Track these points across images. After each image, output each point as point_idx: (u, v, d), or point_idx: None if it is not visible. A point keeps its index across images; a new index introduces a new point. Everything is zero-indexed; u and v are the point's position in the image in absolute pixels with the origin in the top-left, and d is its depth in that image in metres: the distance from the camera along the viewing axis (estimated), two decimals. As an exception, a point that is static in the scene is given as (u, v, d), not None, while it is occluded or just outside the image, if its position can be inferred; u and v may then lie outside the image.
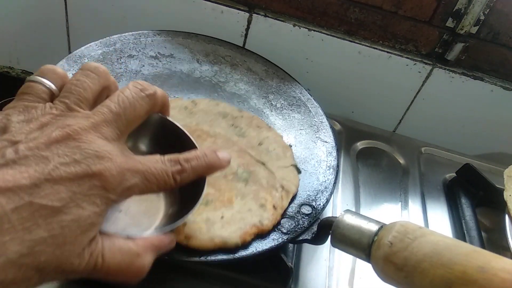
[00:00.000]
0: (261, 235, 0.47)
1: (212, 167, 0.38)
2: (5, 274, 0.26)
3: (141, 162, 0.33)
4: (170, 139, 0.41)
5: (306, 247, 0.55)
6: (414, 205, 0.66)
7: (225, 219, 0.47)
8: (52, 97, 0.35)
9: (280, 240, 0.47)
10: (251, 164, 0.54)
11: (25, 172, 0.28)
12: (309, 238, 0.48)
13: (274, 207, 0.50)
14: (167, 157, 0.35)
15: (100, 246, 0.31)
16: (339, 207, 0.62)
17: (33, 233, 0.27)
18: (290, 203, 0.52)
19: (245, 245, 0.46)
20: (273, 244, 0.47)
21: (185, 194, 0.41)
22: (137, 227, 0.39)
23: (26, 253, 0.27)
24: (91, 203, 0.30)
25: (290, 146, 0.60)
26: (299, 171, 0.57)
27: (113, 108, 0.34)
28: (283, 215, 0.50)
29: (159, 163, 0.34)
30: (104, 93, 0.36)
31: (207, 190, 0.40)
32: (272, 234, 0.47)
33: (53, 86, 0.35)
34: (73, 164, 0.29)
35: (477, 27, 0.69)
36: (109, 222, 0.35)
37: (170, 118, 0.41)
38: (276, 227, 0.48)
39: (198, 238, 0.44)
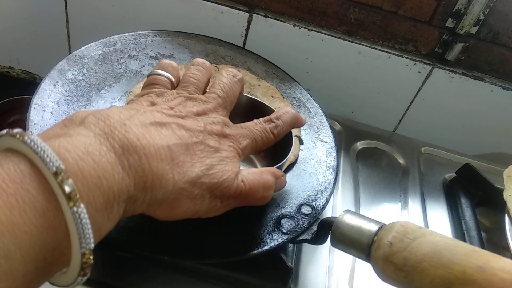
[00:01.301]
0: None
1: (298, 119, 0.49)
2: (193, 189, 0.36)
3: (245, 127, 0.44)
4: (253, 111, 0.51)
5: (306, 247, 0.56)
6: (414, 205, 0.66)
7: None
8: (172, 85, 0.45)
9: (280, 240, 0.47)
10: None
11: (191, 122, 0.39)
12: (309, 238, 0.48)
13: None
14: (262, 119, 0.46)
15: (242, 174, 0.41)
16: (339, 207, 0.62)
17: (206, 161, 0.38)
18: (290, 203, 0.52)
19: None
20: (273, 244, 0.47)
21: (271, 155, 0.51)
22: None
23: (203, 174, 0.37)
24: (231, 151, 0.41)
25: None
26: (301, 142, 0.59)
27: (220, 93, 0.44)
28: (284, 215, 0.50)
29: (258, 125, 0.45)
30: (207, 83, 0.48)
31: None
32: (272, 234, 0.47)
33: (172, 78, 0.45)
34: (214, 126, 0.41)
35: (477, 27, 0.69)
36: None
37: (247, 94, 0.52)
38: (276, 227, 0.49)
39: None
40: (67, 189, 0.27)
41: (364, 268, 0.54)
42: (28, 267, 0.26)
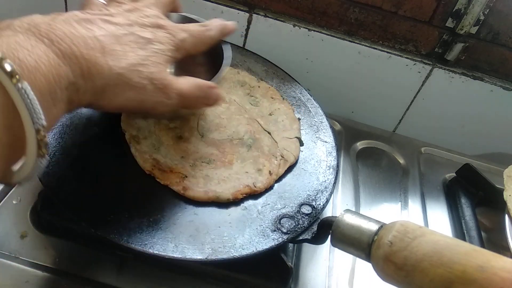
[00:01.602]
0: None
1: (226, 25, 0.50)
2: (131, 76, 0.38)
3: (182, 25, 0.45)
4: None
5: (306, 247, 0.55)
6: (414, 205, 0.66)
7: (221, 177, 0.51)
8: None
9: (280, 239, 0.47)
10: (257, 132, 0.57)
11: (121, 18, 0.41)
12: (309, 237, 0.48)
13: (270, 173, 0.53)
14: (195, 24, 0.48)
15: (177, 77, 0.43)
16: (339, 207, 0.62)
17: (140, 52, 0.39)
18: (290, 203, 0.52)
19: (236, 202, 0.50)
20: (273, 243, 0.47)
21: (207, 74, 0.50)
22: None
23: (138, 63, 0.39)
24: (167, 42, 0.42)
25: (299, 119, 0.62)
26: (301, 144, 0.59)
27: None
28: (284, 215, 0.50)
29: (194, 25, 0.47)
30: None
31: (212, 149, 0.53)
32: (272, 234, 0.47)
33: (103, 0, 0.45)
34: (146, 18, 0.42)
35: (477, 27, 0.69)
36: None
37: (183, 13, 0.53)
38: (276, 226, 0.49)
39: (194, 190, 0.49)
40: (7, 67, 0.28)
41: (364, 268, 0.54)
42: None
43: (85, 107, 0.39)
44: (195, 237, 0.45)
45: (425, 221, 0.64)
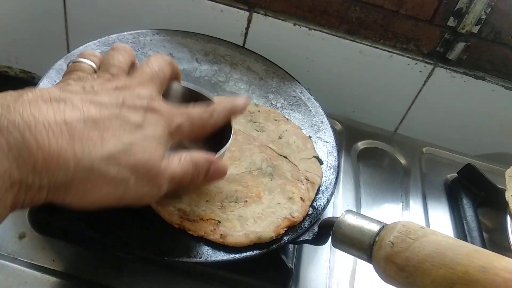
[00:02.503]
0: (293, 227, 0.48)
1: (235, 107, 0.44)
2: (107, 168, 0.32)
3: (181, 107, 0.39)
4: (189, 100, 0.46)
5: (307, 248, 0.55)
6: (415, 206, 0.66)
7: (256, 215, 0.48)
8: (94, 73, 0.40)
9: (280, 240, 0.47)
10: (274, 158, 0.55)
11: (107, 96, 0.35)
12: (309, 238, 0.48)
13: (302, 199, 0.51)
14: (197, 106, 0.41)
15: (171, 157, 0.37)
16: (340, 207, 0.62)
17: (124, 138, 0.33)
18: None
19: (278, 238, 0.47)
20: (273, 244, 0.46)
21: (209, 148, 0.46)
22: None
23: (122, 150, 0.33)
24: (159, 127, 0.36)
25: (310, 137, 0.60)
26: (321, 162, 0.57)
27: (148, 72, 0.40)
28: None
29: (195, 108, 0.40)
30: (131, 68, 0.42)
31: (235, 186, 0.50)
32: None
33: (94, 65, 0.40)
34: (137, 100, 0.36)
35: (479, 26, 0.68)
36: None
37: (184, 83, 0.47)
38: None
39: (233, 236, 0.45)
40: None
41: (365, 269, 0.53)
42: None
43: (45, 203, 0.32)
44: (195, 239, 0.45)
45: (427, 221, 0.64)
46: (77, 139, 0.31)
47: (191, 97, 0.46)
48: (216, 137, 0.44)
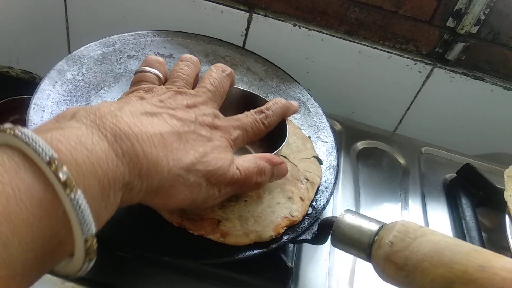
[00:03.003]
0: (293, 226, 0.49)
1: (288, 108, 0.50)
2: (188, 176, 0.37)
3: (236, 119, 0.45)
4: (245, 102, 0.51)
5: (306, 247, 0.55)
6: (415, 205, 0.66)
7: (256, 214, 0.48)
8: (160, 81, 0.46)
9: (280, 240, 0.47)
10: None
11: (183, 113, 0.40)
12: (309, 238, 0.48)
13: (302, 199, 0.51)
14: (252, 111, 0.47)
15: (236, 162, 0.42)
16: (339, 207, 0.62)
17: (200, 149, 0.38)
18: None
19: (278, 237, 0.47)
20: (273, 244, 0.47)
21: (267, 144, 0.51)
22: None
23: (198, 161, 0.37)
24: (223, 141, 0.41)
25: (309, 137, 0.60)
26: (320, 162, 0.57)
27: (210, 88, 0.45)
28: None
29: (248, 116, 0.46)
30: (196, 78, 0.48)
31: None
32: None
33: (159, 74, 0.46)
34: (204, 117, 0.41)
35: (478, 27, 0.69)
36: None
37: (238, 87, 0.53)
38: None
39: (234, 235, 0.46)
40: (62, 176, 0.27)
41: (365, 268, 0.54)
42: (27, 254, 0.26)
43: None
44: (195, 238, 0.45)
45: (426, 221, 0.64)
46: (169, 149, 0.36)
47: (245, 98, 0.52)
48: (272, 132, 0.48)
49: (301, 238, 0.48)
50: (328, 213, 0.60)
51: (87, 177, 0.29)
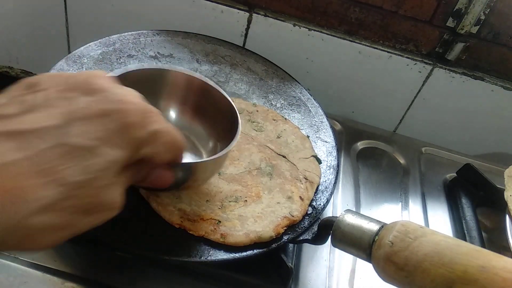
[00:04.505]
0: (293, 226, 0.49)
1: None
2: (49, 218, 0.25)
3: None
4: (204, 95, 0.49)
5: (306, 247, 0.55)
6: (415, 205, 0.66)
7: (256, 214, 0.48)
8: None
9: (280, 240, 0.47)
10: (272, 157, 0.55)
11: (53, 112, 0.27)
12: (309, 238, 0.48)
13: (301, 198, 0.51)
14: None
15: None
16: (340, 207, 0.62)
17: (69, 177, 0.26)
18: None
19: (278, 237, 0.47)
20: (273, 244, 0.46)
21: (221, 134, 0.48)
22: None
23: (64, 197, 0.26)
24: (119, 145, 0.28)
25: (308, 136, 0.60)
26: (319, 162, 0.57)
27: None
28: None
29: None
30: None
31: (234, 185, 0.50)
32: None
33: None
34: (99, 103, 0.28)
35: (478, 27, 0.69)
36: None
37: (200, 77, 0.49)
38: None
39: (234, 235, 0.46)
40: None
41: (365, 268, 0.54)
42: None
43: None
44: (195, 238, 0.45)
45: (426, 221, 0.64)
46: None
47: (204, 90, 0.49)
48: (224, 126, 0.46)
49: (301, 238, 0.48)
50: (328, 213, 0.60)
51: None
